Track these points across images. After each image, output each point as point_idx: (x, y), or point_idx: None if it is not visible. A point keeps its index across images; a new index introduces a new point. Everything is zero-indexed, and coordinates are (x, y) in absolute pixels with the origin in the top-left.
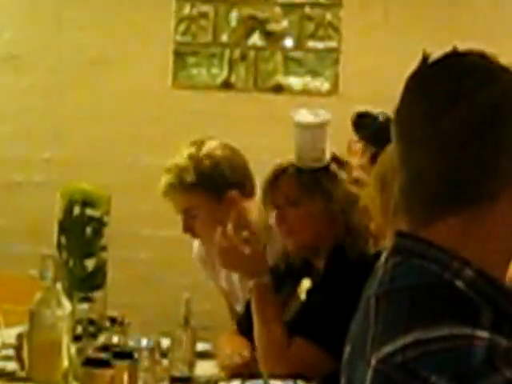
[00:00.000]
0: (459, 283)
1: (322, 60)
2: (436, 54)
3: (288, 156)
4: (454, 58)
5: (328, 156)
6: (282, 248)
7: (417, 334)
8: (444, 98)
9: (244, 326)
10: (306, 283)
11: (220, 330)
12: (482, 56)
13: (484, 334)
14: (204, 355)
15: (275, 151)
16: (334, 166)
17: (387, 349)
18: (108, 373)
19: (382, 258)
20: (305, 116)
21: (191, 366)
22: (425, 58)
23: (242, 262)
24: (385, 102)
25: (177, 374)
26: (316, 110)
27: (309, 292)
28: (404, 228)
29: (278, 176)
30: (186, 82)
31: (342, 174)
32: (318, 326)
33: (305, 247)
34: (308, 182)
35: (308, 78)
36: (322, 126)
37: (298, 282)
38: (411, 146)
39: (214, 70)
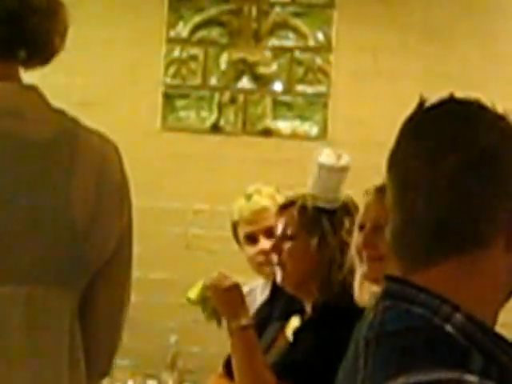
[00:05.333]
0: (448, 328)
1: (311, 104)
2: (428, 100)
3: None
4: (451, 104)
5: (342, 198)
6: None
7: (405, 379)
8: (440, 144)
9: (230, 367)
10: (294, 322)
11: (206, 373)
12: (478, 103)
13: (473, 378)
14: None
15: None
16: (341, 213)
17: None
18: None
19: (373, 302)
20: (330, 158)
21: None
22: (421, 103)
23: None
24: (373, 148)
25: None
26: (338, 151)
27: (296, 333)
28: (395, 272)
29: (286, 207)
30: (175, 125)
31: (346, 223)
32: (305, 371)
33: (292, 282)
34: (309, 220)
35: (297, 122)
36: (344, 170)
37: (286, 319)
38: (404, 190)
39: (204, 113)
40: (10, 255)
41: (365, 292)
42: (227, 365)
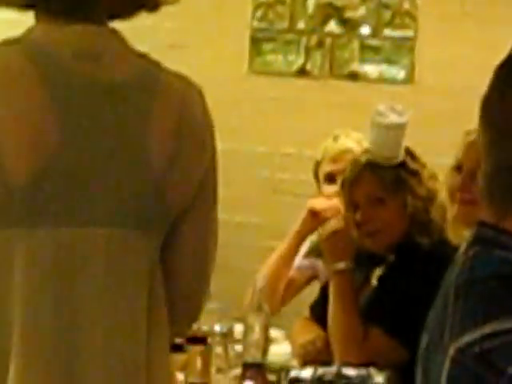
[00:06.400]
0: None
1: (398, 48)
2: None
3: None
4: None
5: (401, 155)
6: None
7: (495, 325)
8: None
9: (317, 312)
10: (377, 271)
11: (293, 317)
12: None
13: None
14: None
15: None
16: (411, 162)
17: (465, 339)
18: (181, 357)
19: (463, 248)
20: (387, 115)
21: (264, 351)
22: None
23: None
24: (460, 92)
25: (250, 359)
26: (395, 106)
27: (380, 279)
28: (487, 217)
29: (359, 175)
30: (262, 68)
31: (421, 169)
32: (393, 316)
33: (388, 245)
34: (391, 180)
35: (384, 66)
36: (403, 127)
37: (368, 271)
38: (498, 135)
39: (291, 57)
40: (89, 198)
41: (456, 233)
42: (313, 309)
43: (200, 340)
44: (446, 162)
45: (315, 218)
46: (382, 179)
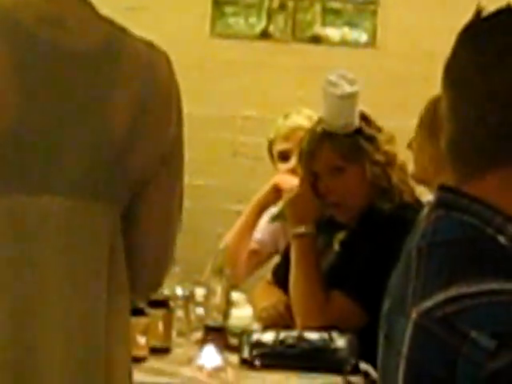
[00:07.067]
0: (501, 239)
1: (360, 11)
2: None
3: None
4: (508, 14)
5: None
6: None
7: (458, 289)
8: (496, 53)
9: (279, 276)
10: (339, 236)
11: (255, 280)
12: None
13: None
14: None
15: (311, 102)
16: (366, 128)
17: (428, 303)
18: (143, 321)
19: (425, 211)
20: (339, 85)
21: (225, 315)
22: (478, 13)
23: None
24: (422, 56)
25: (211, 323)
26: (345, 74)
27: (343, 243)
28: (449, 181)
29: (316, 146)
30: (224, 31)
31: (377, 134)
32: (355, 280)
33: (351, 213)
34: (349, 148)
35: (346, 29)
36: (356, 95)
37: (331, 235)
38: (461, 99)
39: (252, 20)
40: (47, 164)
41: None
42: (275, 273)
43: (161, 303)
44: (407, 124)
45: (278, 193)
46: (340, 148)
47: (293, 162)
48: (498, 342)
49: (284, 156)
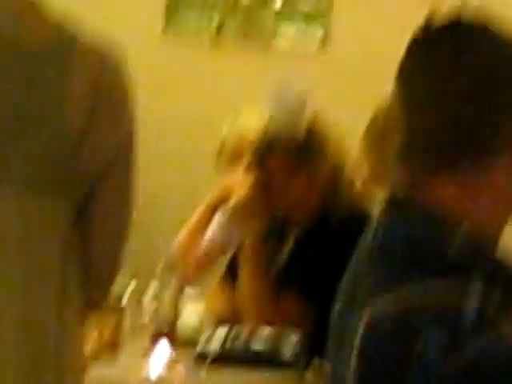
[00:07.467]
0: (452, 240)
1: (311, 18)
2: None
3: None
4: (459, 20)
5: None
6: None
7: (409, 288)
8: (446, 59)
9: (232, 273)
10: (292, 235)
11: (206, 277)
12: (486, 23)
13: (477, 288)
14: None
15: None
16: (314, 136)
17: (379, 302)
18: (94, 318)
19: (376, 213)
20: (286, 94)
21: (178, 311)
22: (430, 17)
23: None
24: (372, 59)
25: (164, 319)
26: (292, 83)
27: (296, 241)
28: (401, 183)
29: (265, 155)
30: (177, 35)
31: (325, 141)
32: (306, 279)
33: (301, 220)
34: (298, 157)
35: (297, 35)
36: (303, 104)
37: (282, 235)
38: (413, 103)
39: (204, 27)
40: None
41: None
42: (228, 270)
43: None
44: (359, 126)
45: (230, 193)
46: (289, 158)
47: (244, 163)
48: (451, 340)
49: (235, 157)
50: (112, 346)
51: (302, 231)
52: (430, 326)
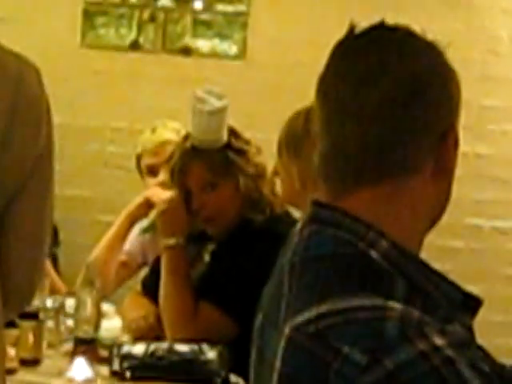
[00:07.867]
0: (373, 254)
1: (230, 23)
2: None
3: None
4: (381, 31)
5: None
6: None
7: (330, 304)
8: (368, 71)
9: (149, 287)
10: (209, 247)
11: (123, 290)
12: (408, 30)
13: (397, 305)
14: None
15: (182, 114)
16: (235, 141)
17: (301, 318)
18: (13, 333)
19: (298, 226)
20: (206, 101)
21: (96, 326)
22: (351, 29)
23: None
24: (291, 67)
25: (81, 334)
26: (213, 89)
27: (213, 255)
28: (322, 197)
29: (187, 162)
30: (95, 42)
31: (246, 147)
32: (224, 292)
33: (225, 228)
34: (220, 163)
35: (216, 41)
36: (224, 110)
37: (201, 246)
38: (334, 115)
39: (123, 31)
40: None
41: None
42: (145, 284)
43: (31, 315)
44: (276, 136)
45: (149, 206)
46: (211, 164)
47: (161, 176)
48: (369, 358)
49: (152, 170)
50: (31, 362)
51: (220, 242)
52: (350, 344)
